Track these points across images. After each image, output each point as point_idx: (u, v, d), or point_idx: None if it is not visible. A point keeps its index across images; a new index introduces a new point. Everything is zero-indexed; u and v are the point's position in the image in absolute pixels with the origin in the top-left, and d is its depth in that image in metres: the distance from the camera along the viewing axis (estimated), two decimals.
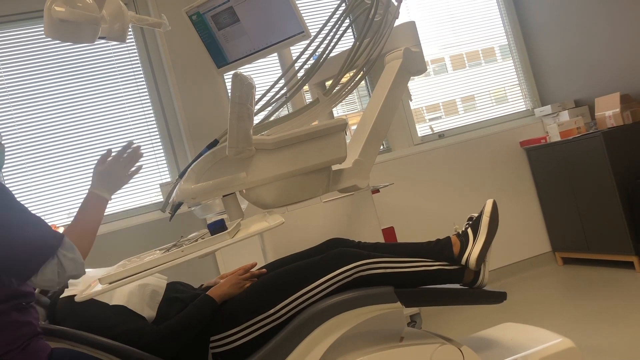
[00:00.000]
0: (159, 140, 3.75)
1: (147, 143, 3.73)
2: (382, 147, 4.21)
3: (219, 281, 1.93)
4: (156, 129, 3.75)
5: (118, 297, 1.66)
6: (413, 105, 4.34)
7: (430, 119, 4.44)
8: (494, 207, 1.88)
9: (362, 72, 1.84)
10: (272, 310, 1.68)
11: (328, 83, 2.12)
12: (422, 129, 4.36)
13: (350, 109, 4.26)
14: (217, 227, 1.28)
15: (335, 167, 1.73)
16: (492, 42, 4.67)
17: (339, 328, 1.68)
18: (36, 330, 1.42)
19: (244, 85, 1.34)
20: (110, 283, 1.26)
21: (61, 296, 1.66)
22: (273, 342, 1.65)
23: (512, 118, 4.57)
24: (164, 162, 3.75)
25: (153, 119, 3.76)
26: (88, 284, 1.64)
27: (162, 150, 3.76)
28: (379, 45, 1.83)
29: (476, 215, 1.93)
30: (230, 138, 1.32)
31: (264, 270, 1.95)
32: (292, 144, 1.47)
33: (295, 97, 2.04)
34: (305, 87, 2.18)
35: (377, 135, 1.86)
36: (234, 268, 1.94)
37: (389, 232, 3.50)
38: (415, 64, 1.97)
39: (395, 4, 1.90)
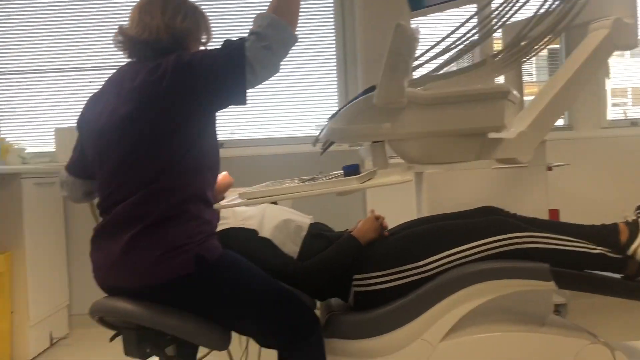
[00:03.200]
0: (334, 71, 3.84)
1: (323, 71, 3.84)
2: (562, 124, 3.93)
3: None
4: (334, 58, 3.84)
5: (265, 230, 1.74)
6: (609, 84, 3.94)
7: (614, 104, 4.00)
8: None
9: (543, 41, 1.70)
10: (420, 263, 1.69)
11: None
12: (611, 112, 3.96)
13: (525, 79, 3.98)
14: (351, 171, 1.32)
15: (493, 135, 1.66)
16: None
17: (483, 295, 1.66)
18: (214, 230, 1.53)
19: (405, 37, 1.32)
20: (248, 199, 1.36)
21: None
22: (414, 294, 1.67)
23: None
24: (336, 95, 3.85)
25: (333, 47, 3.84)
26: (238, 219, 1.75)
27: (335, 82, 3.85)
28: (568, 15, 1.67)
29: None
30: (380, 87, 1.32)
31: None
32: (446, 103, 1.43)
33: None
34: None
35: (554, 110, 1.71)
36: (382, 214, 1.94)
37: (553, 214, 3.29)
38: (624, 37, 1.75)
39: None
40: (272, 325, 1.53)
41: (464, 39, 1.76)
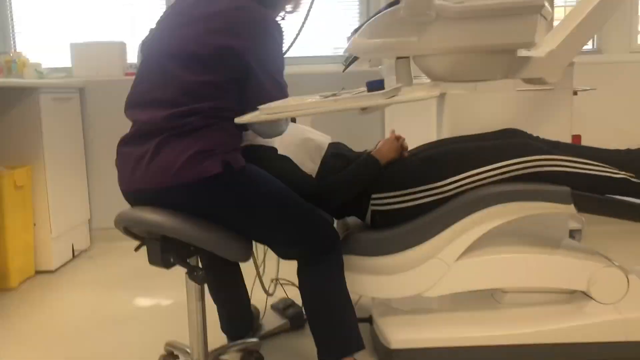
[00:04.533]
0: None
1: None
2: (590, 48, 3.80)
3: None
4: None
5: (284, 149, 1.73)
6: None
7: None
8: None
9: None
10: (440, 183, 1.68)
11: None
12: None
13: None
14: (375, 86, 1.28)
15: (522, 53, 1.60)
16: None
17: (501, 216, 1.65)
18: (239, 145, 1.56)
19: None
20: (268, 113, 1.34)
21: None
22: (432, 214, 1.67)
23: None
24: (357, 12, 3.76)
25: None
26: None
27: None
28: None
29: None
30: None
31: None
32: (477, 16, 1.37)
33: None
34: None
35: (585, 30, 1.65)
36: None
37: (575, 140, 3.25)
38: None
39: None
40: (295, 236, 1.55)
41: None
